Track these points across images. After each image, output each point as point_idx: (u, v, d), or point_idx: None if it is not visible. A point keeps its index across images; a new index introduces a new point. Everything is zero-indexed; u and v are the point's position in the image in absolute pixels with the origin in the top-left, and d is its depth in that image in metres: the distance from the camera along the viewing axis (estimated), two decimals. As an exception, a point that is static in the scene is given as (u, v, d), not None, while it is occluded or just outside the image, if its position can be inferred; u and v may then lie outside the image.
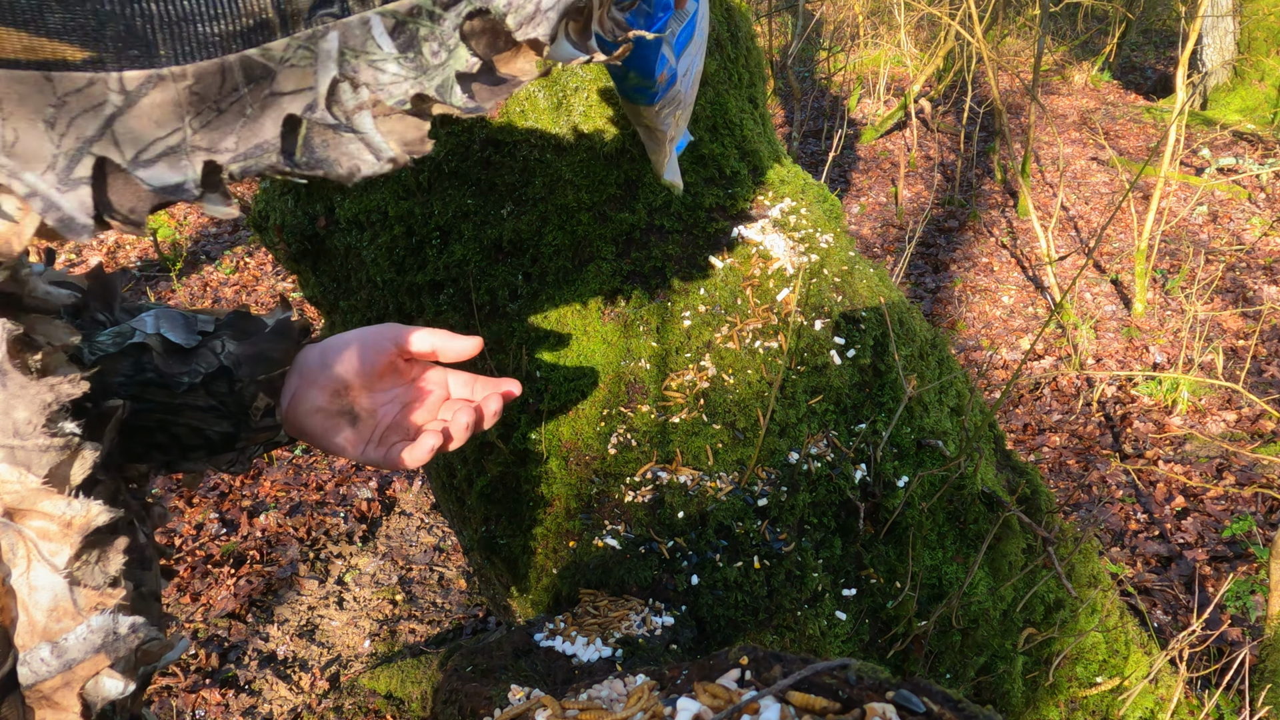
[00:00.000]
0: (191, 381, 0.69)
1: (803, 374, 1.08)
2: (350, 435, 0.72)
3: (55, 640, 0.46)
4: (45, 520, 0.46)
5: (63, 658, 0.46)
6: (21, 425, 0.45)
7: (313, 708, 2.26)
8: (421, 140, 0.39)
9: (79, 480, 0.47)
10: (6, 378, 0.45)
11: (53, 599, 0.47)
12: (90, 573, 0.48)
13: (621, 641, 0.89)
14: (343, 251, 1.17)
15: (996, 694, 1.23)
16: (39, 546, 0.46)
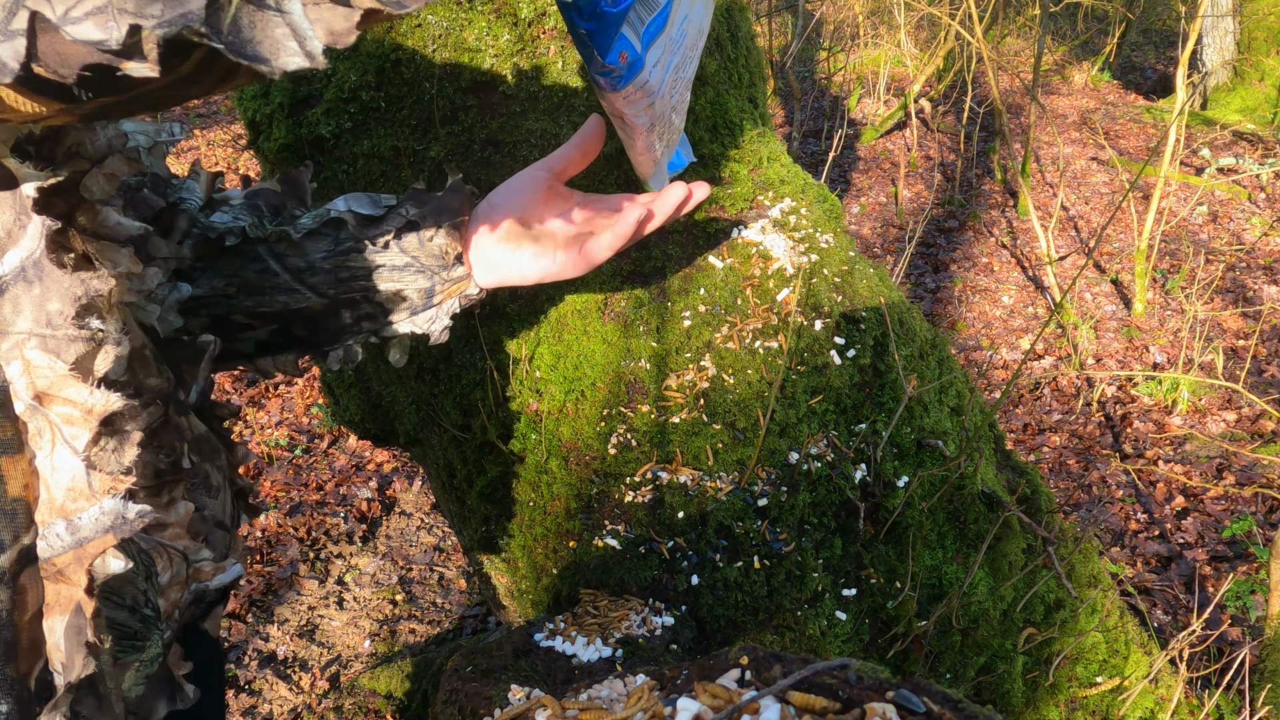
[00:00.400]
0: (385, 237, 0.76)
1: (803, 374, 1.08)
2: (535, 249, 0.78)
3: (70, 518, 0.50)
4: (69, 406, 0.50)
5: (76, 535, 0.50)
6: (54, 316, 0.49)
7: (313, 708, 2.26)
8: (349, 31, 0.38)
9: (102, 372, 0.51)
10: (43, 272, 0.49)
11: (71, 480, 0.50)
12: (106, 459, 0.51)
13: (621, 641, 0.89)
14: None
15: (996, 694, 1.23)
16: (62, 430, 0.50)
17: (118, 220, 0.56)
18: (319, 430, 3.47)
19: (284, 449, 3.35)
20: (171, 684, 0.61)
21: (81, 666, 0.50)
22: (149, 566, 0.59)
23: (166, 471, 0.61)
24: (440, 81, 1.02)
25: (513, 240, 0.78)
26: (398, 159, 1.08)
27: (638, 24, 0.72)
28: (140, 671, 0.58)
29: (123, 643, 0.57)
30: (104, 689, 0.54)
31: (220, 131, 6.49)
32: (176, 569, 0.61)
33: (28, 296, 0.49)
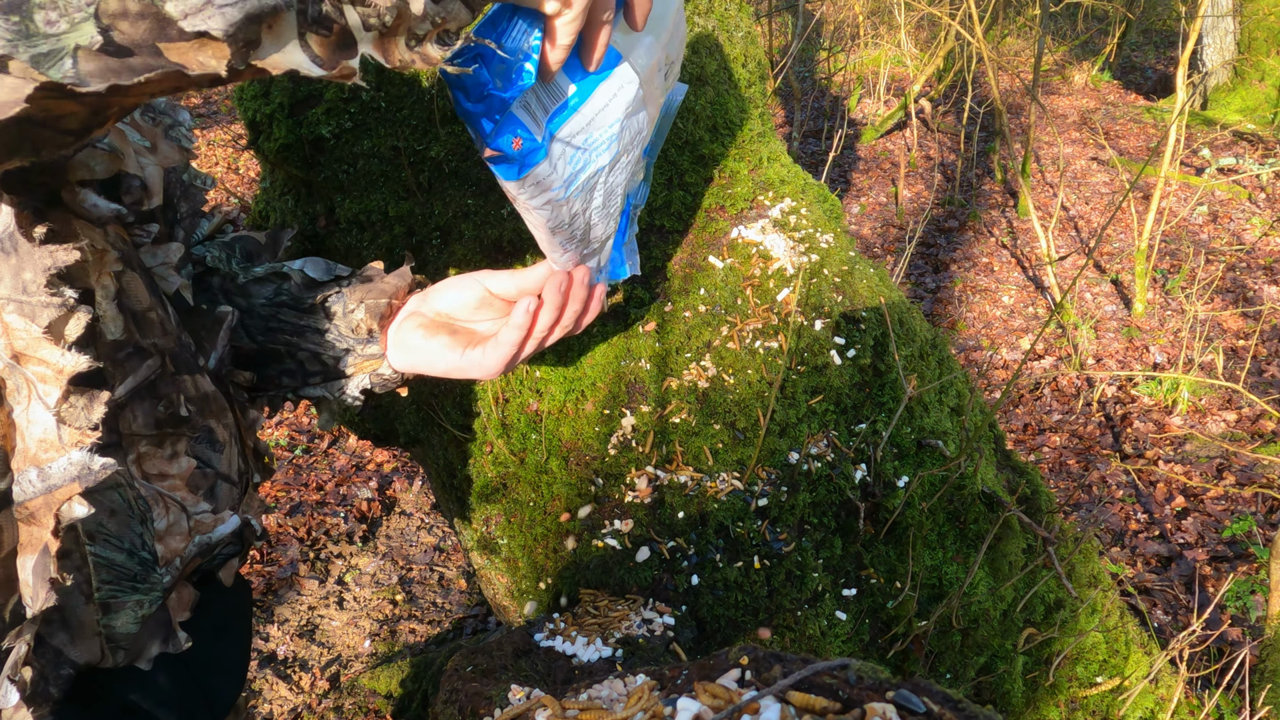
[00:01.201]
0: (313, 302, 0.82)
1: (803, 374, 1.08)
2: (448, 341, 0.81)
3: (42, 467, 0.55)
4: (43, 366, 0.55)
5: (46, 482, 0.55)
6: (29, 284, 0.54)
7: (313, 708, 2.26)
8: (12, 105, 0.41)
9: (74, 336, 0.56)
10: (17, 244, 0.54)
11: (43, 432, 0.55)
12: (75, 415, 0.56)
13: (621, 641, 0.89)
14: (343, 251, 1.17)
15: (996, 694, 1.23)
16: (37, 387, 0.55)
17: (94, 202, 0.61)
18: (319, 430, 3.47)
19: (284, 449, 3.35)
20: (167, 628, 0.65)
21: (44, 599, 0.54)
22: (145, 511, 0.63)
23: (166, 421, 0.66)
24: (440, 81, 1.02)
25: (430, 331, 0.82)
26: (398, 159, 1.08)
27: (538, 111, 0.69)
28: (136, 611, 0.62)
29: (121, 583, 0.61)
30: (76, 623, 0.59)
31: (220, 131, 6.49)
32: (175, 518, 0.66)
33: (5, 265, 0.54)
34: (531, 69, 0.62)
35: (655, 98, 0.79)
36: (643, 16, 0.66)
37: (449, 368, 0.82)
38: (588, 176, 0.75)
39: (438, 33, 0.49)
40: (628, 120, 0.75)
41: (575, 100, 0.70)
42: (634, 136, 0.77)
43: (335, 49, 0.46)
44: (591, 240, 0.82)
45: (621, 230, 0.91)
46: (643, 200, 0.94)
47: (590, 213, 0.78)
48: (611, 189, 0.79)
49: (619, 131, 0.74)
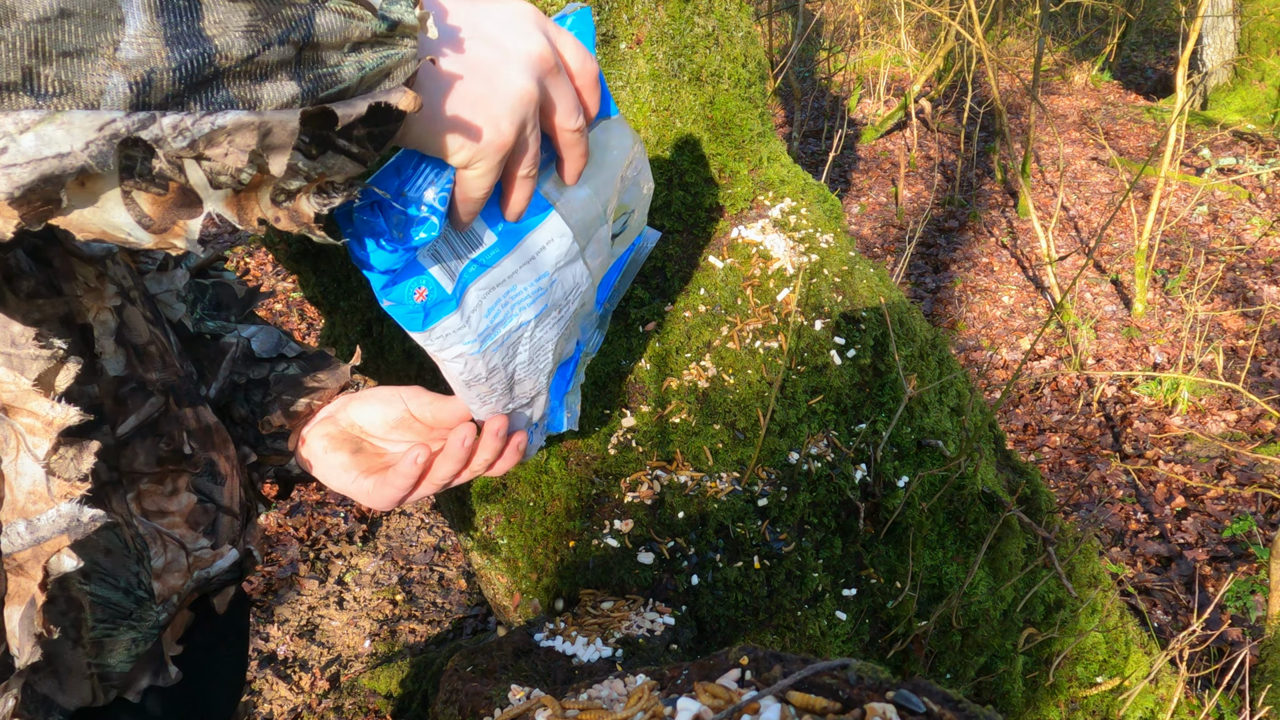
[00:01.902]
0: (238, 380, 0.78)
1: (803, 374, 1.08)
2: (347, 462, 0.76)
3: (30, 519, 0.54)
4: (32, 418, 0.54)
5: (35, 534, 0.54)
6: (17, 336, 0.53)
7: (313, 708, 2.26)
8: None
9: (63, 387, 0.55)
10: (4, 298, 0.54)
11: (32, 484, 0.54)
12: (65, 466, 0.55)
13: (621, 641, 0.89)
14: (343, 251, 1.17)
15: (997, 694, 1.23)
16: (26, 439, 0.54)
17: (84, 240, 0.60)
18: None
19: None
20: (159, 661, 0.65)
21: (30, 654, 0.54)
22: (142, 550, 0.63)
23: (169, 459, 0.65)
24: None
25: (334, 444, 0.78)
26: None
27: (451, 260, 0.63)
28: (130, 650, 0.62)
29: (116, 621, 0.61)
30: (65, 669, 0.59)
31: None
32: (173, 556, 0.65)
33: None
34: (436, 221, 0.57)
35: (600, 251, 0.74)
36: (575, 172, 0.63)
37: (340, 487, 0.78)
38: (509, 330, 0.69)
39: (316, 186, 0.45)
40: (559, 273, 0.69)
41: (496, 251, 0.65)
42: (569, 291, 0.72)
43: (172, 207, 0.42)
44: (516, 396, 0.75)
45: (566, 380, 0.84)
46: (595, 348, 0.88)
47: (514, 368, 0.72)
48: (540, 345, 0.73)
49: (549, 285, 0.69)
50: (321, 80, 0.42)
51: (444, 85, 0.50)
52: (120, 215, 0.41)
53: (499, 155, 0.54)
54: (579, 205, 0.69)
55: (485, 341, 0.68)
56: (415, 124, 0.51)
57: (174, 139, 0.39)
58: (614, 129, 0.71)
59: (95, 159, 0.38)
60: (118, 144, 0.38)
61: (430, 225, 0.57)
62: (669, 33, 1.12)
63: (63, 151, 0.37)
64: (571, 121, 0.58)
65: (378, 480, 0.74)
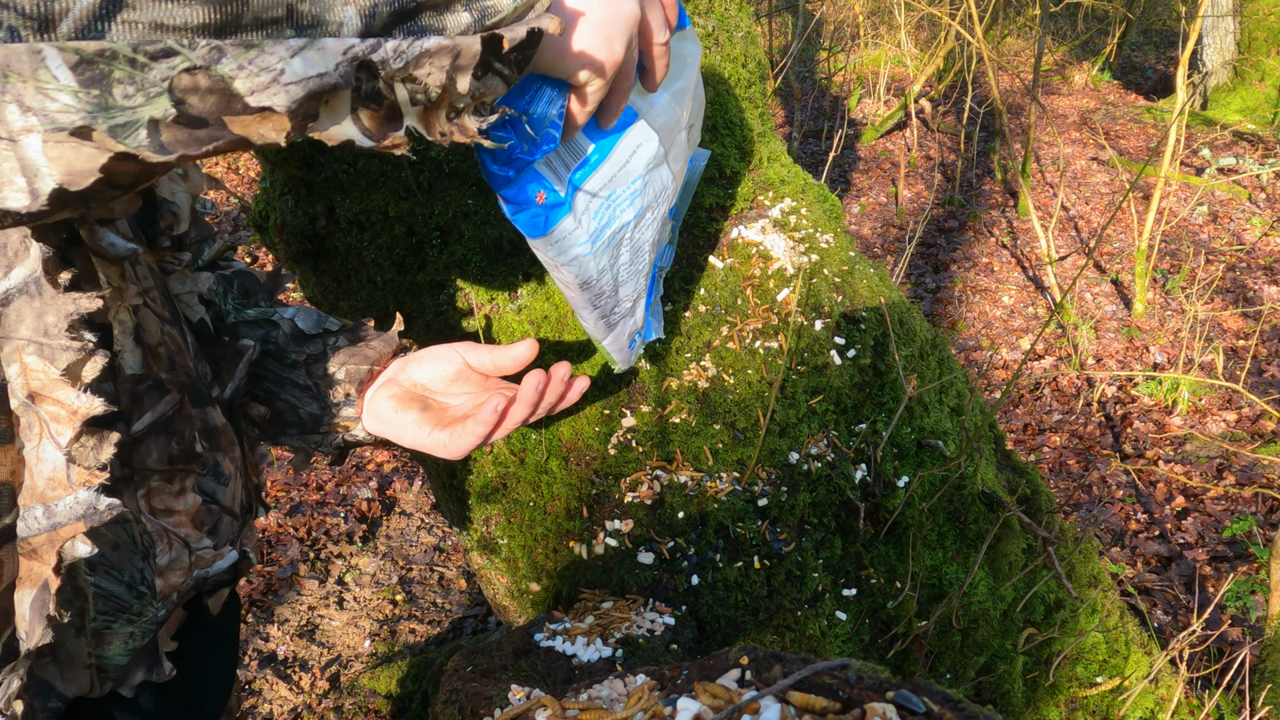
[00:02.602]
0: (297, 358, 0.84)
1: (803, 374, 1.08)
2: (418, 418, 0.82)
3: (49, 504, 0.56)
4: (58, 406, 0.56)
5: (51, 519, 0.56)
6: (50, 327, 0.56)
7: (313, 708, 2.26)
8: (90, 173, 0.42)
9: (89, 379, 0.57)
10: (42, 288, 0.56)
11: (53, 470, 0.56)
12: (85, 455, 0.57)
13: (621, 641, 0.89)
14: (343, 251, 1.17)
15: (997, 694, 1.23)
16: (49, 426, 0.56)
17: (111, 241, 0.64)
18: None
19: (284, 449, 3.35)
20: (153, 657, 0.66)
21: (41, 636, 0.56)
22: (149, 547, 0.64)
23: (178, 458, 0.67)
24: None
25: (403, 403, 0.83)
26: (398, 159, 1.08)
27: (560, 169, 0.71)
28: (128, 644, 0.63)
29: (117, 615, 0.62)
30: (67, 656, 0.60)
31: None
32: (177, 554, 0.66)
33: (29, 308, 0.56)
34: (555, 134, 0.65)
35: (679, 156, 0.81)
36: (657, 81, 0.70)
37: (415, 443, 0.83)
38: (613, 232, 0.77)
39: (475, 105, 0.51)
40: (650, 175, 0.77)
41: (595, 157, 0.73)
42: (659, 193, 0.79)
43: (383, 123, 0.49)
44: (620, 298, 0.84)
45: (650, 291, 0.92)
46: (668, 263, 0.95)
47: (618, 269, 0.80)
48: (639, 245, 0.81)
49: (642, 187, 0.77)
50: (486, 11, 0.49)
51: (571, 13, 0.57)
52: (352, 128, 0.48)
53: (612, 73, 0.61)
54: (661, 111, 0.75)
55: (595, 242, 0.76)
56: (547, 49, 0.57)
57: (394, 60, 0.46)
58: (687, 38, 0.78)
59: (343, 78, 0.45)
60: (355, 65, 0.45)
61: (550, 138, 0.65)
62: (669, 33, 1.12)
63: (321, 72, 0.44)
64: (662, 36, 0.66)
65: (453, 431, 0.79)
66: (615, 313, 0.85)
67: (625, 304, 0.84)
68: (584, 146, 0.72)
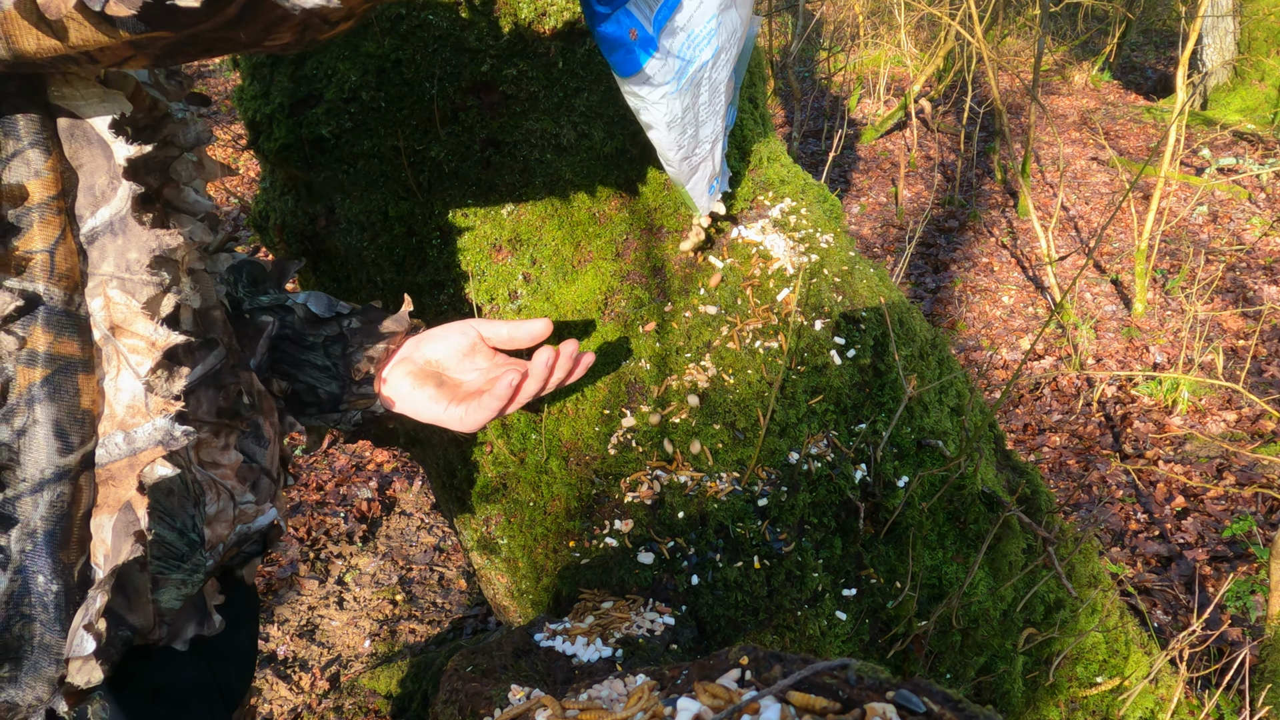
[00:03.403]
0: (315, 340, 0.87)
1: (803, 374, 1.08)
2: (434, 393, 0.86)
3: (128, 431, 0.60)
4: (137, 338, 0.60)
5: (131, 445, 0.60)
6: (132, 264, 0.59)
7: (313, 708, 2.26)
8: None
9: (166, 313, 0.62)
10: (127, 226, 0.60)
11: (131, 399, 0.60)
12: (161, 384, 0.61)
13: (621, 641, 0.89)
14: (343, 251, 1.17)
15: (997, 694, 1.23)
16: (128, 358, 0.60)
17: (195, 198, 0.69)
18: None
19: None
20: (203, 610, 0.69)
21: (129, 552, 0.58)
22: (199, 495, 0.67)
23: (226, 411, 0.70)
24: (441, 82, 1.02)
25: (419, 380, 0.87)
26: (398, 159, 1.08)
27: (645, 9, 0.75)
28: (180, 590, 0.66)
29: (169, 560, 0.65)
30: (133, 589, 0.62)
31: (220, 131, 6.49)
32: (223, 505, 0.69)
33: (113, 246, 0.59)
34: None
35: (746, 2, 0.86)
36: None
37: (432, 418, 0.86)
38: (695, 70, 0.82)
39: None
40: (723, 15, 0.81)
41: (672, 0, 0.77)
42: (730, 34, 0.84)
43: None
44: (701, 139, 0.88)
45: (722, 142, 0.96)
46: (732, 121, 0.99)
47: (699, 108, 0.85)
48: (715, 85, 0.85)
49: (716, 27, 0.81)
50: None
51: None
52: None
53: None
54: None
55: (680, 80, 0.81)
56: None
57: None
58: None
59: None
60: None
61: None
62: (669, 33, 1.12)
63: None
64: None
65: (469, 405, 0.83)
66: (696, 154, 0.90)
67: (705, 145, 0.89)
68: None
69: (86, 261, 0.58)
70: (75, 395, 0.58)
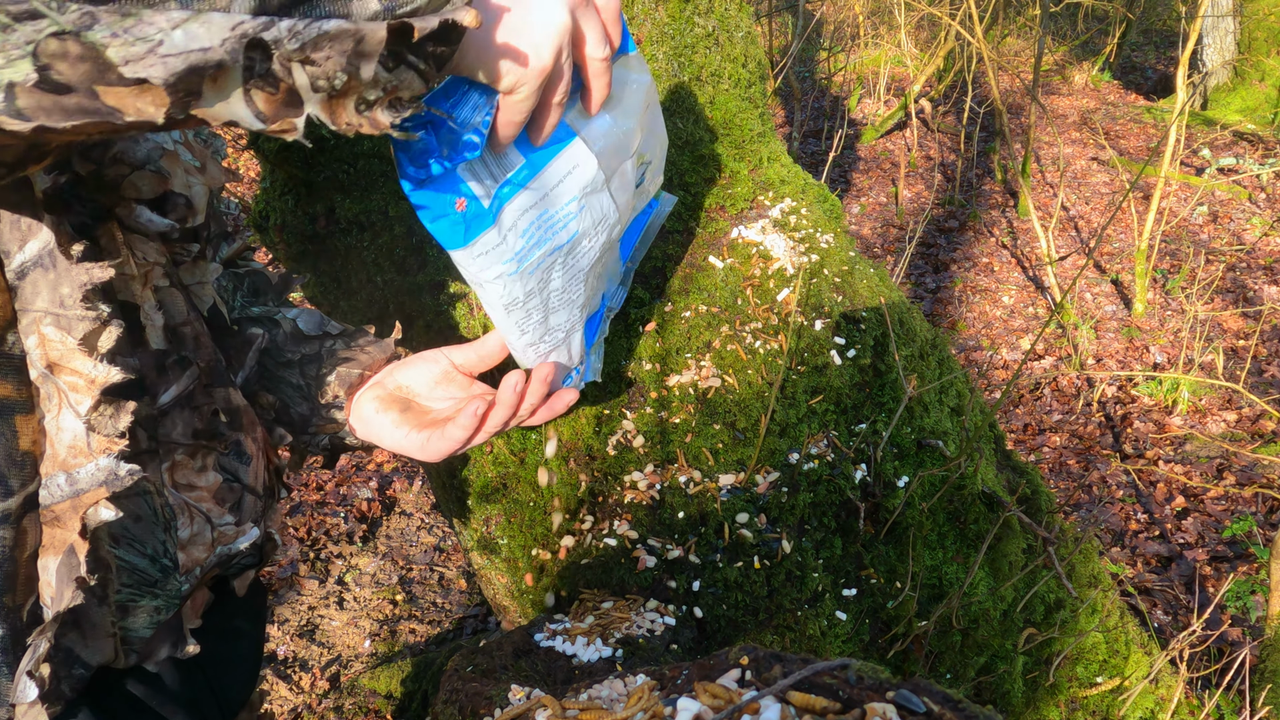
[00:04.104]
0: (293, 357, 0.84)
1: (803, 374, 1.08)
2: (398, 419, 0.83)
3: (70, 472, 0.58)
4: (75, 376, 0.57)
5: (74, 486, 0.57)
6: (65, 298, 0.57)
7: (313, 708, 2.26)
8: None
9: (105, 349, 0.58)
10: (56, 261, 0.57)
11: (73, 438, 0.58)
12: (104, 423, 0.58)
13: (621, 641, 0.89)
14: (343, 252, 1.17)
15: (997, 694, 1.23)
16: (68, 396, 0.58)
17: (149, 218, 0.66)
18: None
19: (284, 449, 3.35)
20: (178, 633, 0.67)
21: (70, 599, 0.57)
22: (170, 519, 0.65)
23: (201, 433, 0.68)
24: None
25: (383, 405, 0.84)
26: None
27: (487, 180, 0.68)
28: (153, 617, 0.64)
29: (141, 588, 0.63)
30: (89, 625, 0.61)
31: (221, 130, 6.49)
32: (199, 528, 0.67)
33: (44, 280, 0.57)
34: (479, 141, 0.62)
35: (625, 186, 0.77)
36: (599, 100, 0.68)
37: (394, 445, 0.83)
38: (543, 254, 0.73)
39: (389, 99, 0.50)
40: (587, 200, 0.73)
41: (526, 173, 0.69)
42: (598, 220, 0.75)
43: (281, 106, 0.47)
44: (552, 326, 0.79)
45: (593, 332, 0.88)
46: (619, 303, 0.91)
47: (549, 294, 0.76)
48: (573, 273, 0.76)
49: (577, 210, 0.72)
50: None
51: (493, 14, 0.56)
52: (242, 109, 0.46)
53: (539, 80, 0.59)
54: (601, 134, 0.72)
55: (522, 263, 0.72)
56: (469, 50, 0.56)
57: (288, 41, 0.44)
58: (633, 64, 0.75)
59: (229, 55, 0.43)
60: (245, 43, 0.43)
61: (473, 145, 0.63)
62: (669, 33, 1.12)
63: (205, 46, 0.42)
64: (600, 51, 0.64)
65: (432, 434, 0.80)
66: (546, 341, 0.80)
67: (558, 333, 0.80)
68: (514, 160, 0.68)
69: (18, 298, 0.56)
70: (14, 437, 0.56)
